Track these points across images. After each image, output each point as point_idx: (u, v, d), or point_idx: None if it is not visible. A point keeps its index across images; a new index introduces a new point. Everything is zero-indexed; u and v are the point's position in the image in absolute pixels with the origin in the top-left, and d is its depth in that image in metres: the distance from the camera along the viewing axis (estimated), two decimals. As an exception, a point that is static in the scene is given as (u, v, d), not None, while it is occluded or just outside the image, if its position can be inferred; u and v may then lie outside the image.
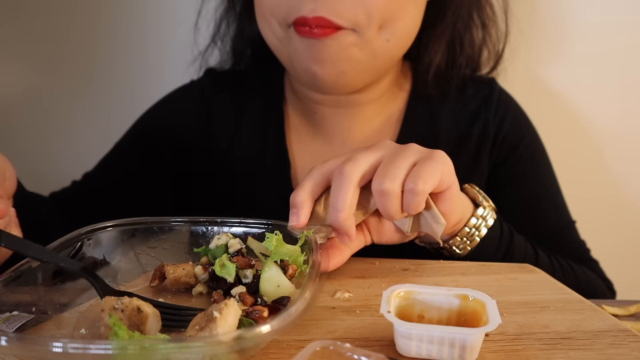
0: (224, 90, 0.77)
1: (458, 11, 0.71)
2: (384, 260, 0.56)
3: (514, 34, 0.79)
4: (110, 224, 0.48)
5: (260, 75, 0.77)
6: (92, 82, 0.95)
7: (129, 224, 0.50)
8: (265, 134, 0.74)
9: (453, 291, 0.38)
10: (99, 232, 0.48)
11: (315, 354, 0.31)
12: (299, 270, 0.45)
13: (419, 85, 0.75)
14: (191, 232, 0.51)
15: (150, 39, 0.93)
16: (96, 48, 0.94)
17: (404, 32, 0.63)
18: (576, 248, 0.74)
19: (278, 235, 0.45)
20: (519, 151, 0.74)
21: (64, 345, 0.29)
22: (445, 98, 0.74)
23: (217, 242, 0.48)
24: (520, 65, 0.87)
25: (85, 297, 0.44)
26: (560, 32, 0.93)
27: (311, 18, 0.57)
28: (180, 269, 0.47)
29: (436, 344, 0.34)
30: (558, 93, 0.96)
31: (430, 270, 0.53)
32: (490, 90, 0.75)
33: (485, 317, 0.35)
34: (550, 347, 0.37)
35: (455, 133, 0.73)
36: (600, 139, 0.98)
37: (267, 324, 0.31)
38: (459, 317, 0.38)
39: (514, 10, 0.78)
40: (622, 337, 0.38)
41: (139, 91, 0.92)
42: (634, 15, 0.92)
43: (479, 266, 0.54)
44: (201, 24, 0.81)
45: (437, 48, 0.72)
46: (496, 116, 0.74)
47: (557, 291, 0.48)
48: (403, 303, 0.38)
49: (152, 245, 0.50)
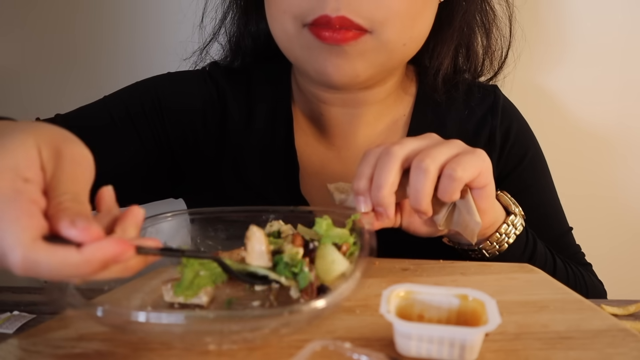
0: (236, 85, 0.74)
1: (465, 15, 0.71)
2: (383, 260, 0.56)
3: (517, 39, 0.79)
4: (169, 214, 0.51)
5: (266, 72, 0.75)
6: (92, 83, 0.95)
7: (189, 214, 0.53)
8: (274, 134, 0.72)
9: (453, 291, 0.38)
10: (160, 222, 0.51)
11: (315, 353, 0.32)
12: (349, 252, 0.46)
13: (426, 90, 0.74)
14: (244, 222, 0.53)
15: (151, 38, 0.93)
16: (99, 48, 0.94)
17: (420, 35, 0.63)
18: (574, 254, 0.76)
19: (327, 219, 0.46)
20: (524, 163, 0.74)
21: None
22: (452, 104, 0.74)
23: (269, 229, 0.50)
24: (522, 70, 0.86)
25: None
26: (561, 36, 0.94)
27: (335, 18, 0.56)
28: (235, 255, 0.48)
29: (436, 344, 0.34)
30: (557, 96, 0.97)
31: (430, 270, 0.53)
32: (494, 98, 0.75)
33: (485, 317, 0.35)
34: (550, 347, 0.37)
35: (462, 140, 0.72)
36: (599, 139, 0.98)
37: (321, 300, 0.33)
38: (459, 317, 0.38)
39: (516, 16, 0.78)
40: (621, 337, 0.38)
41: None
42: (633, 17, 0.92)
43: (479, 266, 0.54)
44: (204, 21, 0.79)
45: (446, 52, 0.71)
46: (502, 126, 0.74)
47: (557, 291, 0.48)
48: (403, 303, 0.38)
49: (209, 234, 0.53)
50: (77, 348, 0.37)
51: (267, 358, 0.35)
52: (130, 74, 0.81)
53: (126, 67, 0.95)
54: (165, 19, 0.93)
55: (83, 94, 0.86)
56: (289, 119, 0.73)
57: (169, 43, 0.87)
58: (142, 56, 0.95)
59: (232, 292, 0.46)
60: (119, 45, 0.95)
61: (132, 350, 0.36)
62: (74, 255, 0.31)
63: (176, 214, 0.52)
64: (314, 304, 0.33)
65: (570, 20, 0.93)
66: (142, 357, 0.35)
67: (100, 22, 0.94)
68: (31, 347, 0.37)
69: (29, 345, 0.37)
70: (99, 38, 0.94)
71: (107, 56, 0.95)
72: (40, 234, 0.31)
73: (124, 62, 0.95)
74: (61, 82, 0.96)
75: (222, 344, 0.35)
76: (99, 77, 0.96)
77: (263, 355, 0.35)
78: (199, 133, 0.71)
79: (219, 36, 0.77)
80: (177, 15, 0.85)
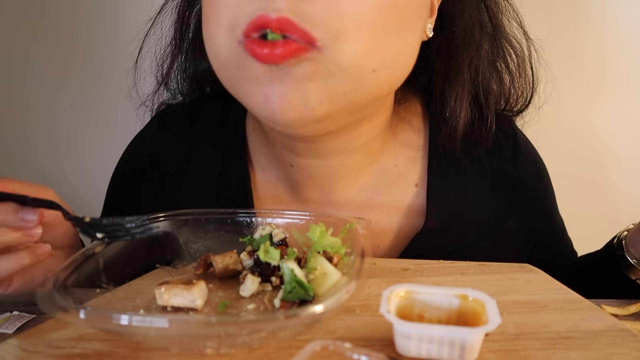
0: (171, 140, 0.67)
1: (475, 63, 0.61)
2: (383, 260, 0.56)
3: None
4: (162, 215, 0.51)
5: (214, 116, 0.67)
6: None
7: (180, 215, 0.53)
8: (224, 197, 0.64)
9: (453, 291, 0.38)
10: (152, 222, 0.50)
11: (315, 353, 0.32)
12: (341, 262, 0.46)
13: (440, 145, 0.64)
14: (236, 223, 0.54)
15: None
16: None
17: (397, 62, 0.49)
18: (572, 249, 0.75)
19: (322, 226, 0.46)
20: (540, 222, 0.69)
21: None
22: (470, 163, 0.64)
23: (261, 232, 0.50)
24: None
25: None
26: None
27: (274, 19, 0.42)
28: (227, 258, 0.49)
29: (436, 344, 0.34)
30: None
31: (430, 270, 0.53)
32: (514, 146, 0.66)
33: (485, 317, 0.35)
34: (550, 347, 0.37)
35: (481, 212, 0.65)
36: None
37: (320, 305, 0.33)
38: (459, 317, 0.38)
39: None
40: (621, 337, 0.38)
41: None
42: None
43: (479, 266, 0.54)
44: (141, 62, 0.71)
45: (460, 105, 0.61)
46: (527, 181, 0.66)
47: (557, 291, 0.48)
48: (403, 303, 0.38)
49: (200, 235, 0.53)
50: (77, 348, 0.37)
51: (267, 358, 0.35)
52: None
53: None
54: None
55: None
56: (244, 178, 0.64)
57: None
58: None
59: (225, 295, 0.46)
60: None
61: (132, 351, 0.36)
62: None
63: (169, 215, 0.52)
64: (312, 308, 0.33)
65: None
66: (142, 357, 0.35)
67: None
68: (31, 347, 0.37)
69: (29, 345, 0.37)
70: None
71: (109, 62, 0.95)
72: None
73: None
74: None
75: (220, 348, 0.35)
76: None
77: (263, 355, 0.35)
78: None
79: (165, 82, 0.70)
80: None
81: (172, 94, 0.71)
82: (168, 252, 0.51)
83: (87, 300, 0.42)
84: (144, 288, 0.46)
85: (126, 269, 0.47)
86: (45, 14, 0.93)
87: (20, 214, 0.44)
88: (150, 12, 0.67)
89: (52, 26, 0.94)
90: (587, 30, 0.92)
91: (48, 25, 0.93)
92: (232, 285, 0.48)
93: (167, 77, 0.70)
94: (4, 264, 0.46)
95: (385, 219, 0.64)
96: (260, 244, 0.49)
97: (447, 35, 0.60)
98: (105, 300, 0.44)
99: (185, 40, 0.67)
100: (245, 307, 0.43)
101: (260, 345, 0.36)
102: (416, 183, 0.64)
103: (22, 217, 0.44)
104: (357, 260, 0.41)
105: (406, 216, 0.64)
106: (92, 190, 0.95)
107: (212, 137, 0.67)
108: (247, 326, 0.33)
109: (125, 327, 0.32)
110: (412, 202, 0.64)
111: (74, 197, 0.83)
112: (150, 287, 0.44)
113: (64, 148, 0.98)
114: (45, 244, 0.48)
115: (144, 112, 0.72)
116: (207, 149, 0.67)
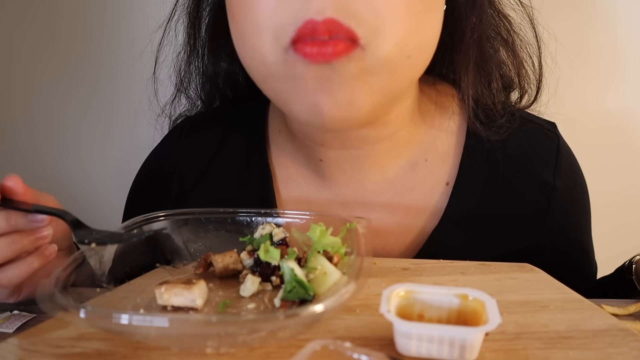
0: (191, 151, 0.68)
1: (478, 27, 0.59)
2: (383, 260, 0.56)
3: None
4: (162, 214, 0.52)
5: (233, 122, 0.67)
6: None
7: (180, 214, 0.53)
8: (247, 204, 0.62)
9: (453, 290, 0.38)
10: (152, 222, 0.51)
11: (315, 353, 0.32)
12: (341, 261, 0.46)
13: (471, 128, 0.61)
14: (236, 222, 0.54)
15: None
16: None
17: (427, 42, 0.50)
18: (595, 272, 0.73)
19: (322, 225, 0.47)
20: (567, 237, 0.66)
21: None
22: (504, 162, 0.61)
23: (261, 232, 0.51)
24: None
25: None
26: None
27: (322, 21, 0.43)
28: (227, 257, 0.49)
29: (436, 343, 0.34)
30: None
31: (430, 269, 0.53)
32: (557, 151, 0.63)
33: (485, 317, 0.35)
34: (550, 347, 0.37)
35: (509, 217, 0.62)
36: None
37: (320, 304, 0.33)
38: (459, 317, 0.38)
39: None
40: (621, 337, 0.38)
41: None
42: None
43: (479, 266, 0.54)
44: (159, 72, 0.71)
45: (466, 69, 0.60)
46: (564, 193, 0.63)
47: (557, 290, 0.48)
48: (403, 302, 0.38)
49: (200, 234, 0.54)
50: (77, 348, 0.37)
51: (267, 357, 0.35)
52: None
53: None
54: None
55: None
56: (267, 180, 0.64)
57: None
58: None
59: (225, 294, 0.46)
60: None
61: (132, 350, 0.36)
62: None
63: (168, 214, 0.53)
64: (312, 308, 0.33)
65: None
66: (142, 356, 0.35)
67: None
68: (31, 346, 0.37)
69: (29, 344, 0.37)
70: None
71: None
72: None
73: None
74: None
75: (220, 347, 0.35)
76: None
77: (263, 354, 0.35)
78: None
79: (184, 90, 0.70)
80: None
81: (191, 100, 0.72)
82: (168, 251, 0.51)
83: (87, 300, 0.42)
84: (144, 287, 0.47)
85: (126, 268, 0.48)
86: (52, 16, 0.93)
87: (30, 216, 0.47)
88: (156, 15, 0.67)
89: (59, 28, 0.93)
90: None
91: (54, 27, 0.93)
92: (232, 284, 0.48)
93: (188, 84, 0.69)
94: (16, 271, 0.47)
95: (410, 219, 0.62)
96: (261, 243, 0.49)
97: (452, 5, 0.59)
98: (105, 300, 0.44)
99: (199, 42, 0.67)
100: (245, 307, 0.43)
101: (260, 344, 0.36)
102: (447, 182, 0.63)
103: (32, 218, 0.47)
104: (357, 260, 0.42)
105: (434, 215, 0.62)
106: (96, 193, 0.96)
107: (232, 143, 0.67)
108: (247, 325, 0.33)
109: (125, 326, 0.32)
110: (441, 201, 0.62)
111: (78, 199, 0.84)
112: (151, 287, 0.44)
113: (68, 150, 0.98)
114: (52, 245, 0.49)
115: (145, 113, 0.73)
116: (228, 155, 0.67)
